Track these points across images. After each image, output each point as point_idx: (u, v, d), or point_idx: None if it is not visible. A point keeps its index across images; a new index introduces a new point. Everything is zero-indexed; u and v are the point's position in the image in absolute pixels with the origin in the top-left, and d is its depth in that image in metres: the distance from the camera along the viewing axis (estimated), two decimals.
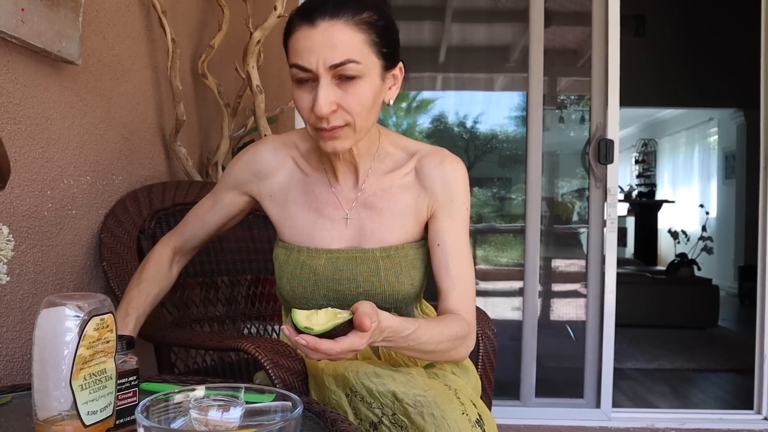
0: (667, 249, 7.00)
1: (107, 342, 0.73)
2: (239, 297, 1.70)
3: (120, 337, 0.82)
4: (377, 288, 1.11)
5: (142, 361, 1.53)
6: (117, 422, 0.79)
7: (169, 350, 1.45)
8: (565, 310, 3.11)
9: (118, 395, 0.79)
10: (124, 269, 1.41)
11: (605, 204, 2.65)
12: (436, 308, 1.24)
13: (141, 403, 0.69)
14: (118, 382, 0.79)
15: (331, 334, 0.86)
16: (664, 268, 5.64)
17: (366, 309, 0.87)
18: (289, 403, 0.78)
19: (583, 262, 2.83)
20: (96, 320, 0.71)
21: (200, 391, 0.78)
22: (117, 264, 1.41)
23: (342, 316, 0.88)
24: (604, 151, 2.60)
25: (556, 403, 2.67)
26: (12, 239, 0.79)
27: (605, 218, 2.64)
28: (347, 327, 0.87)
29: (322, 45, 0.96)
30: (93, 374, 0.71)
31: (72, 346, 0.69)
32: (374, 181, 1.14)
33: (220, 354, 1.57)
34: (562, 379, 2.86)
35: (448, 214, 1.13)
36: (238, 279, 1.71)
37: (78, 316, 0.70)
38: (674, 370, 3.60)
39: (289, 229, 1.16)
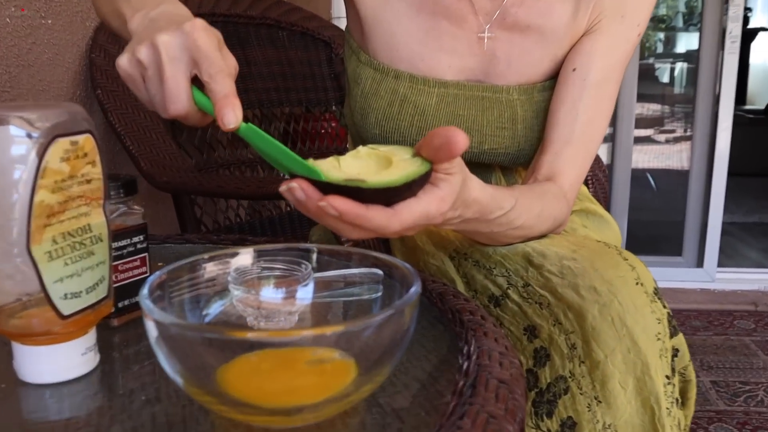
0: (760, 87, 6.53)
1: (88, 181, 0.48)
2: (275, 135, 1.52)
3: (113, 176, 0.56)
4: (508, 146, 0.85)
5: (159, 218, 1.30)
6: (118, 305, 0.56)
7: (192, 203, 1.26)
8: (646, 156, 2.85)
9: (116, 266, 0.56)
10: (125, 99, 1.19)
11: (725, 17, 2.25)
12: None
13: (150, 279, 0.44)
14: (115, 245, 0.55)
15: (387, 195, 0.49)
16: (759, 107, 5.23)
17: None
18: (380, 272, 0.53)
19: (682, 97, 2.53)
20: (63, 144, 0.45)
21: (246, 255, 0.53)
22: (115, 92, 1.18)
23: (407, 159, 0.52)
24: None
25: (649, 261, 2.46)
26: None
27: (727, 32, 2.25)
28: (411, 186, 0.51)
29: None
30: (68, 234, 0.46)
31: (25, 188, 0.43)
32: None
33: (257, 207, 1.37)
34: (656, 235, 2.66)
35: (610, 33, 0.82)
36: (273, 112, 1.51)
37: (31, 137, 0.43)
38: None
39: (386, 39, 0.85)
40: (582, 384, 0.64)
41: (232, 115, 0.51)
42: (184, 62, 0.52)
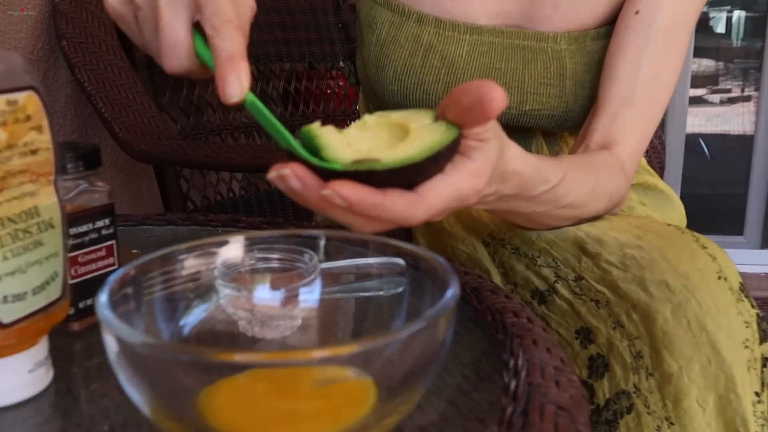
0: None
1: (33, 152, 0.42)
2: (274, 95, 1.51)
3: (69, 145, 0.51)
4: (554, 106, 0.82)
5: (140, 195, 1.26)
6: (79, 305, 0.52)
7: (177, 176, 1.25)
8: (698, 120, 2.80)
9: (74, 257, 0.51)
10: (96, 51, 1.20)
11: None
12: None
13: (111, 278, 0.39)
14: (73, 232, 0.51)
15: (407, 174, 0.44)
16: None
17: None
18: (402, 262, 0.48)
19: (740, 51, 2.51)
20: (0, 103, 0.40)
21: (236, 243, 0.48)
22: (84, 44, 1.17)
23: (427, 125, 0.47)
24: None
25: None
26: None
27: None
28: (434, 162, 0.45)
29: None
30: (8, 220, 0.41)
31: None
32: None
33: (253, 180, 1.37)
34: (712, 210, 2.69)
35: None
36: (271, 69, 1.51)
37: None
38: None
39: None
40: (650, 401, 0.60)
41: (236, 85, 0.44)
42: (186, 4, 0.47)
